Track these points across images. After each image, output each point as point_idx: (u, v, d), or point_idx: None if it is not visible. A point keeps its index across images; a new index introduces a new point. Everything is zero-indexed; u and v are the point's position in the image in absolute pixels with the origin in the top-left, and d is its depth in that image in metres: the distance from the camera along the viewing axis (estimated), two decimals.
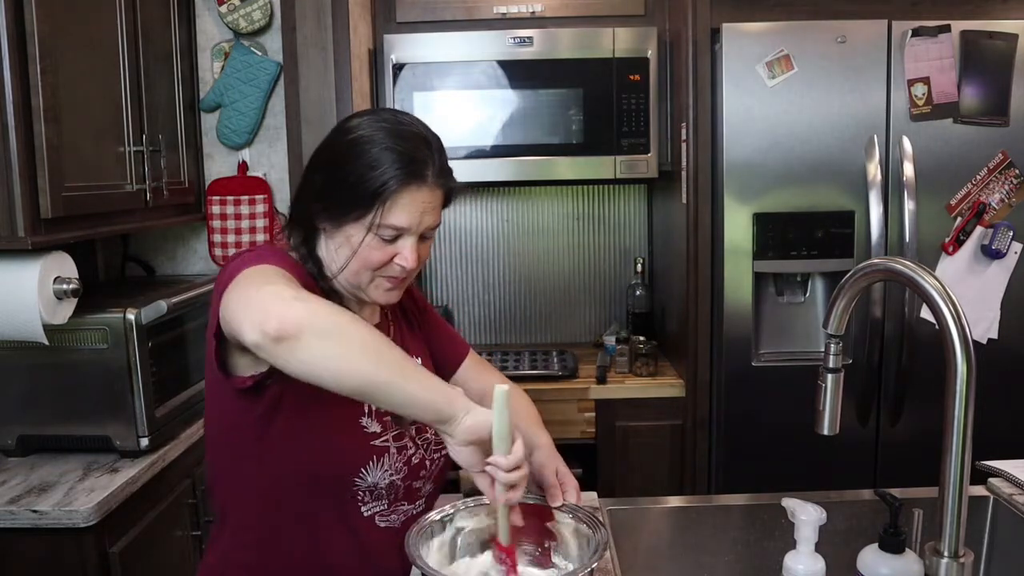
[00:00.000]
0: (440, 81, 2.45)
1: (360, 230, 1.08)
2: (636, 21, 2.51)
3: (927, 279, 0.96)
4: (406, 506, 1.19)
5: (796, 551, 1.03)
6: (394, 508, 1.17)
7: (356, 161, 1.07)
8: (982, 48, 2.16)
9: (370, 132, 1.09)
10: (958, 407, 0.94)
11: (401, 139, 1.09)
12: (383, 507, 1.16)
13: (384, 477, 1.14)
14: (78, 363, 1.76)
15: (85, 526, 1.53)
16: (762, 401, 2.27)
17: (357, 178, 1.06)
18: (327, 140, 1.14)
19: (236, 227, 2.31)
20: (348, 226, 1.08)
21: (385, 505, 1.16)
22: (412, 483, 1.18)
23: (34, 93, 1.52)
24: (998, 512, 1.37)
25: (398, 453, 1.16)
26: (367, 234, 1.08)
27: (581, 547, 1.09)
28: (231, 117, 2.29)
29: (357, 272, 1.11)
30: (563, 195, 2.93)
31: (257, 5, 2.24)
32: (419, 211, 1.08)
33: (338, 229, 1.10)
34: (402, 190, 1.06)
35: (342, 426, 1.13)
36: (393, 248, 1.09)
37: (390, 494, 1.15)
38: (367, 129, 1.09)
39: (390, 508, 1.17)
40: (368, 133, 1.08)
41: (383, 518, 1.17)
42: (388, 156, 1.07)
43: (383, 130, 1.09)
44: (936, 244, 2.22)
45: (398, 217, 1.07)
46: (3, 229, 1.51)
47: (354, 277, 1.12)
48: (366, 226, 1.07)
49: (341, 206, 1.08)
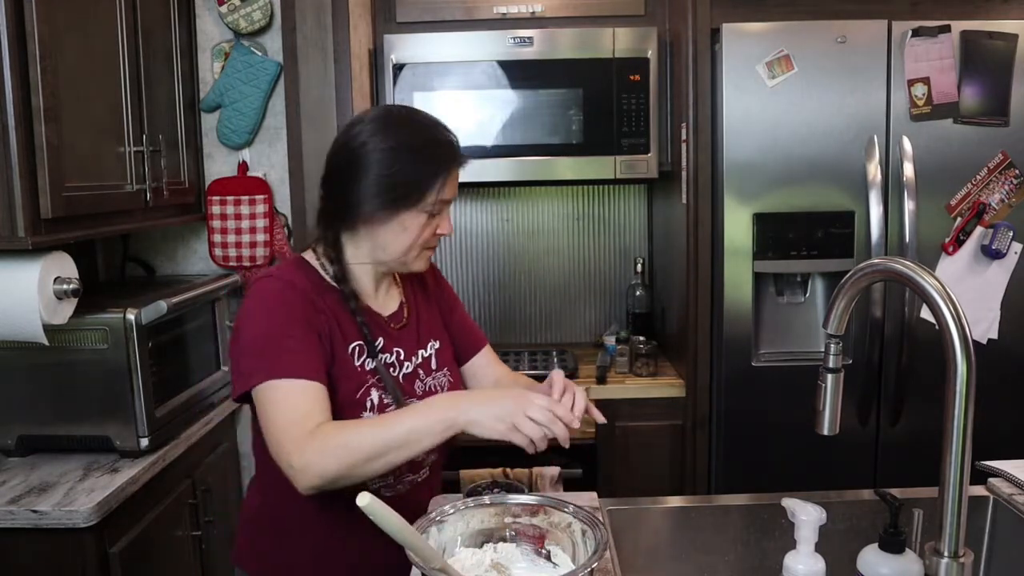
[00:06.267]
0: (440, 81, 2.45)
1: (416, 214, 1.26)
2: (636, 21, 2.51)
3: (927, 279, 0.96)
4: (410, 476, 1.33)
5: (796, 551, 1.03)
6: (399, 479, 1.31)
7: (409, 161, 1.25)
8: (982, 48, 2.16)
9: (407, 137, 1.26)
10: (958, 407, 0.94)
11: (429, 131, 1.29)
12: (388, 480, 1.29)
13: None
14: (78, 363, 1.76)
15: (85, 526, 1.53)
16: (762, 401, 2.27)
17: (413, 171, 1.24)
18: (360, 154, 1.26)
19: (236, 227, 2.31)
20: (403, 213, 1.26)
21: (391, 479, 1.29)
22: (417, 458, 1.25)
23: (34, 93, 1.52)
24: (998, 512, 1.37)
25: None
26: (421, 214, 1.26)
27: (581, 547, 1.09)
28: (231, 117, 2.29)
29: (409, 249, 1.29)
30: (563, 195, 2.93)
31: (257, 5, 2.24)
32: (455, 185, 1.29)
33: (390, 220, 1.26)
34: (450, 170, 1.27)
35: (351, 414, 1.25)
36: (436, 221, 1.29)
37: (393, 470, 1.20)
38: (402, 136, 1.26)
39: (395, 480, 1.30)
40: (407, 139, 1.26)
41: (389, 489, 1.30)
42: (431, 149, 1.27)
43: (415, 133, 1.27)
44: (936, 244, 2.22)
45: (445, 192, 1.27)
46: (3, 229, 1.51)
47: (404, 255, 1.30)
48: (422, 207, 1.25)
49: (399, 198, 1.25)
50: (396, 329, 1.37)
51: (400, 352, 1.36)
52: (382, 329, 1.35)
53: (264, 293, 1.25)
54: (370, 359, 1.30)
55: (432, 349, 1.41)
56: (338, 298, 1.30)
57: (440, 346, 1.43)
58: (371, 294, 1.36)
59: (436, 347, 1.42)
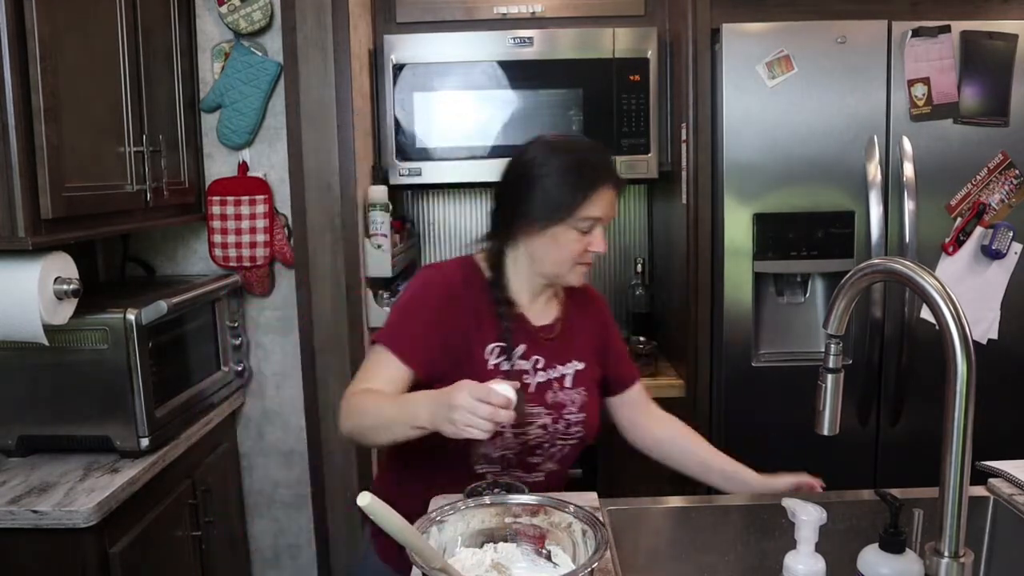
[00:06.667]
0: (440, 81, 2.45)
1: (565, 228, 1.37)
2: (636, 21, 2.51)
3: (927, 279, 0.96)
4: (521, 473, 1.44)
5: (796, 551, 1.03)
6: (508, 474, 1.43)
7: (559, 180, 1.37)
8: (982, 48, 2.16)
9: (561, 159, 1.39)
10: (958, 407, 0.94)
11: (583, 154, 1.41)
12: (497, 469, 1.42)
13: (495, 451, 1.40)
14: (78, 363, 1.76)
15: (85, 526, 1.53)
16: (762, 401, 2.27)
17: (565, 190, 1.37)
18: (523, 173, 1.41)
19: (236, 227, 2.31)
20: (554, 228, 1.38)
21: (499, 468, 1.42)
22: (528, 459, 1.44)
23: (34, 93, 1.52)
24: (998, 512, 1.37)
25: (514, 437, 1.40)
26: (571, 230, 1.37)
27: (581, 547, 1.09)
28: (231, 117, 2.28)
29: (562, 263, 1.41)
30: None
31: (257, 5, 2.24)
32: (607, 205, 1.39)
33: (543, 233, 1.39)
34: (596, 189, 1.37)
35: None
36: (588, 238, 1.39)
37: (503, 463, 1.41)
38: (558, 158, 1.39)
39: (504, 472, 1.43)
40: (561, 160, 1.38)
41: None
42: (582, 169, 1.38)
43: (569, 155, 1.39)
44: (936, 244, 2.22)
45: (593, 210, 1.37)
46: (3, 229, 1.51)
47: (558, 268, 1.42)
48: (570, 223, 1.37)
49: (551, 214, 1.37)
50: (544, 339, 1.47)
51: (540, 360, 1.45)
52: (529, 336, 1.45)
53: (421, 277, 1.48)
54: (506, 361, 1.41)
55: (573, 368, 1.49)
56: (490, 298, 1.43)
57: (583, 368, 1.50)
58: (526, 303, 1.47)
59: (578, 368, 1.49)
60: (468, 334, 1.40)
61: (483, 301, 1.43)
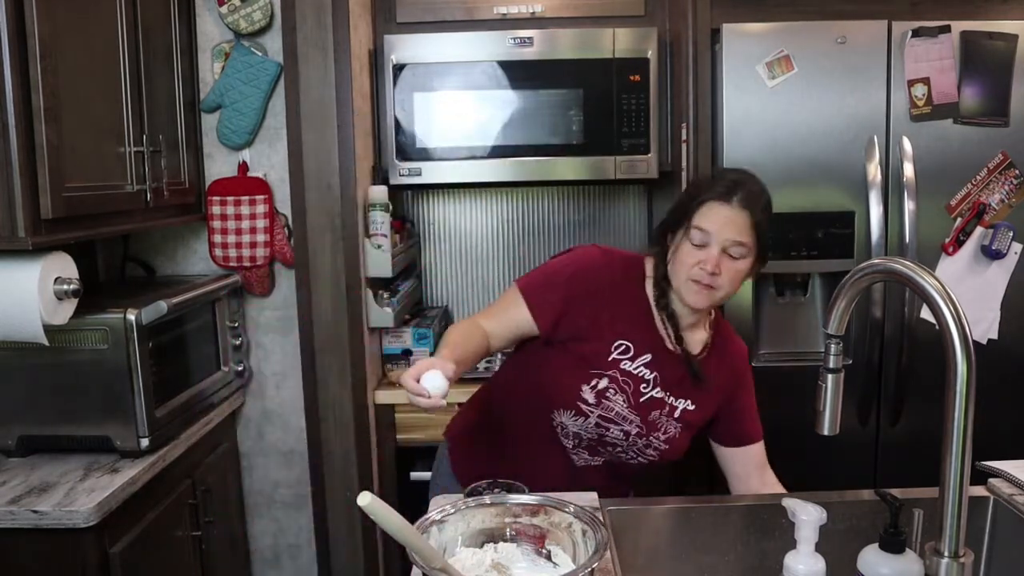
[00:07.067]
0: (440, 81, 2.45)
1: (682, 237, 1.44)
2: (636, 21, 2.51)
3: (927, 279, 0.96)
4: (586, 455, 1.53)
5: (796, 551, 1.03)
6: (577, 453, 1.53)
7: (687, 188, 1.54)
8: (982, 48, 2.16)
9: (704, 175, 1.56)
10: (958, 407, 0.94)
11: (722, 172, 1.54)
12: (570, 444, 1.52)
13: (573, 426, 1.49)
14: (78, 363, 1.76)
15: (85, 526, 1.53)
16: (761, 401, 2.26)
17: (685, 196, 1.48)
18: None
19: (236, 227, 2.31)
20: (673, 234, 1.47)
21: (570, 444, 1.52)
22: (597, 447, 1.51)
23: (34, 93, 1.52)
24: (998, 512, 1.37)
25: (595, 426, 1.48)
26: (685, 240, 1.43)
27: (581, 547, 1.09)
28: (231, 117, 2.28)
29: (677, 274, 1.45)
30: (563, 195, 2.93)
31: (257, 5, 2.24)
32: (720, 221, 1.40)
33: (672, 240, 1.47)
34: (710, 202, 1.41)
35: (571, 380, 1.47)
36: (700, 253, 1.41)
37: (575, 439, 1.51)
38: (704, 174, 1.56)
39: (574, 448, 1.52)
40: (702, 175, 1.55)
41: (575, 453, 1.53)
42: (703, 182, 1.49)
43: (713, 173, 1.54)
44: (936, 244, 2.22)
45: (703, 221, 1.41)
46: (3, 229, 1.51)
47: (675, 279, 1.46)
48: (684, 231, 1.43)
49: (676, 220, 1.46)
50: (670, 361, 1.50)
51: (659, 378, 1.49)
52: (664, 352, 1.49)
53: (579, 252, 1.56)
54: (629, 362, 1.46)
55: (683, 403, 1.52)
56: (636, 299, 1.50)
57: (693, 408, 1.52)
58: (680, 324, 1.50)
59: (688, 406, 1.52)
60: (599, 320, 1.46)
61: (634, 298, 1.50)
